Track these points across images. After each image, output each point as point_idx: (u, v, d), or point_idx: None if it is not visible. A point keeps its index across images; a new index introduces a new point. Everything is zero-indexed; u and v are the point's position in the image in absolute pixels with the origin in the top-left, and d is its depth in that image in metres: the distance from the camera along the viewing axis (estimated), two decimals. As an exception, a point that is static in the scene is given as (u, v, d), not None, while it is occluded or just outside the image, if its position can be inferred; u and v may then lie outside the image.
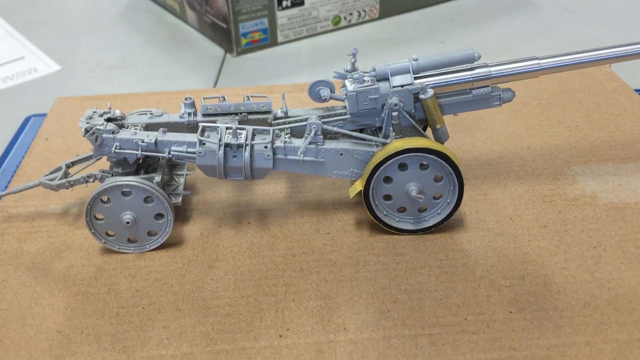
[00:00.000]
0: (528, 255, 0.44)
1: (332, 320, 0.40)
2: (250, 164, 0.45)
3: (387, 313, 0.40)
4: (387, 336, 0.39)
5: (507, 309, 0.40)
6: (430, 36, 0.82)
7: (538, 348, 0.38)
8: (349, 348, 0.38)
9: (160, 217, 0.45)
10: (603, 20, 0.84)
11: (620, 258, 0.44)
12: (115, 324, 0.40)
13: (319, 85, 0.46)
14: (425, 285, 0.42)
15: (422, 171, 0.45)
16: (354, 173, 0.46)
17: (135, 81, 0.74)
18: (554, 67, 0.45)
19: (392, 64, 0.45)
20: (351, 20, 0.84)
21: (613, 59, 0.46)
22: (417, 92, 0.44)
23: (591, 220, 0.47)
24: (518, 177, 0.52)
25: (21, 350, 0.39)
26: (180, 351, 0.38)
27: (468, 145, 0.57)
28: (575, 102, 0.62)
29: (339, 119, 0.46)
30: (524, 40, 0.80)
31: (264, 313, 0.41)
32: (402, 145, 0.43)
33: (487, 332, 0.39)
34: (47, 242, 0.48)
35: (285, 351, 0.38)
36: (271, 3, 0.76)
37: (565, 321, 0.39)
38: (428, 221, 0.46)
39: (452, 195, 0.45)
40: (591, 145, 0.56)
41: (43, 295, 0.43)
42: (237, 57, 0.78)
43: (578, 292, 0.41)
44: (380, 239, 0.46)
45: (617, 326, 0.39)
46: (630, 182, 0.51)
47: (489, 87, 0.45)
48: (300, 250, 0.46)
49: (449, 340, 0.38)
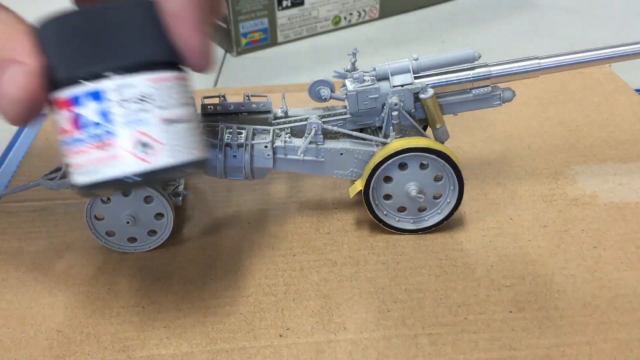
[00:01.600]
0: (528, 255, 0.44)
1: (332, 320, 0.40)
2: (250, 163, 0.45)
3: (387, 313, 0.40)
4: (387, 336, 0.39)
5: (507, 308, 0.40)
6: (430, 36, 0.82)
7: (538, 348, 0.37)
8: (349, 348, 0.38)
9: (161, 216, 0.45)
10: (603, 20, 0.84)
11: (620, 258, 0.44)
12: (115, 324, 0.40)
13: (319, 85, 0.46)
14: (425, 284, 0.42)
15: (422, 171, 0.45)
16: (354, 173, 0.46)
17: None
18: (554, 67, 0.45)
19: (392, 63, 0.45)
20: (351, 20, 0.84)
21: (613, 59, 0.46)
22: (417, 91, 0.44)
23: (591, 220, 0.47)
24: (518, 176, 0.52)
25: (21, 349, 0.39)
26: (180, 351, 0.38)
27: (468, 145, 0.57)
28: (576, 102, 0.62)
29: (339, 118, 0.46)
30: (524, 40, 0.80)
31: (264, 313, 0.41)
32: (402, 144, 0.43)
33: (487, 332, 0.39)
34: (47, 242, 0.48)
35: (285, 351, 0.38)
36: (271, 3, 0.76)
37: (565, 321, 0.39)
38: (428, 221, 0.46)
39: (452, 195, 0.45)
40: (591, 145, 0.56)
41: (43, 295, 0.43)
42: (237, 57, 0.78)
43: (578, 292, 0.41)
44: (380, 239, 0.46)
45: (617, 326, 0.39)
46: (631, 181, 0.51)
47: (489, 87, 0.45)
48: (300, 250, 0.46)
49: (449, 339, 0.38)
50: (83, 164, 0.32)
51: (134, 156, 0.31)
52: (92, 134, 0.31)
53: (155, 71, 0.32)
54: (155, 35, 0.32)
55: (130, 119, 0.31)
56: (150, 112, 0.31)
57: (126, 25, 0.31)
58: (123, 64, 0.31)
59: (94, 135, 0.31)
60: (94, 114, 0.31)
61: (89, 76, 0.31)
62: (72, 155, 0.32)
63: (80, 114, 0.31)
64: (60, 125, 0.32)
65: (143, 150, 0.31)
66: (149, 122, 0.31)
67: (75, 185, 0.33)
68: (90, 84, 0.31)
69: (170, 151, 0.32)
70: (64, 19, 0.31)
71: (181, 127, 0.33)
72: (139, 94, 0.31)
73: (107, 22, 0.31)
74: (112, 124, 0.31)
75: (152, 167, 0.31)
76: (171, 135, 0.32)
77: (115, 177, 0.31)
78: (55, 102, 0.32)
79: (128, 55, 0.31)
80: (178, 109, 0.33)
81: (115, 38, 0.31)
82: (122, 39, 0.31)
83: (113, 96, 0.31)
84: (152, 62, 0.32)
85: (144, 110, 0.31)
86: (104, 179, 0.31)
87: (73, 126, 0.31)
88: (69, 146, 0.32)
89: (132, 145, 0.31)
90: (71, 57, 0.31)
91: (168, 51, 0.33)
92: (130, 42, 0.31)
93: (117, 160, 0.31)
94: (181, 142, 0.32)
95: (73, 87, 0.31)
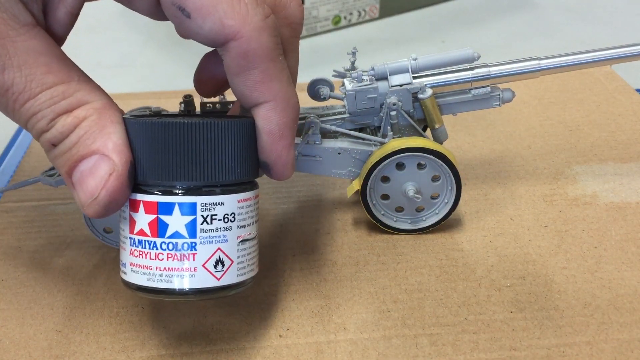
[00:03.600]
0: (529, 255, 0.44)
1: (332, 320, 0.40)
2: (249, 163, 0.44)
3: (387, 313, 0.40)
4: (387, 336, 0.39)
5: (507, 308, 0.40)
6: (430, 36, 0.82)
7: (539, 348, 0.37)
8: (349, 348, 0.38)
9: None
10: (603, 20, 0.84)
11: (621, 258, 0.44)
12: (114, 324, 0.40)
13: (318, 84, 0.45)
14: (425, 285, 0.42)
15: (420, 171, 0.45)
16: (352, 172, 0.46)
17: (134, 80, 0.74)
18: (554, 68, 0.45)
19: (391, 63, 0.45)
20: (351, 19, 0.84)
21: (614, 60, 0.46)
22: (416, 91, 0.44)
23: (592, 220, 0.47)
24: (518, 176, 0.52)
25: (20, 349, 0.39)
26: (179, 351, 0.38)
27: (468, 144, 0.57)
28: (576, 102, 0.62)
29: (337, 117, 0.46)
30: (524, 40, 0.80)
31: (264, 313, 0.41)
32: (399, 144, 0.43)
33: (487, 332, 0.39)
34: (46, 241, 0.48)
35: (285, 351, 0.38)
36: (271, 3, 0.76)
37: (566, 321, 0.39)
38: (426, 221, 0.46)
39: (450, 195, 0.45)
40: (592, 144, 0.56)
41: (42, 295, 0.43)
42: (237, 56, 0.78)
43: (579, 292, 0.41)
44: (380, 239, 0.46)
45: (618, 326, 0.39)
46: (631, 181, 0.51)
47: (489, 87, 0.45)
48: (300, 250, 0.46)
49: (449, 340, 0.38)
50: (150, 267, 0.32)
51: (208, 271, 0.32)
52: (170, 242, 0.32)
53: (243, 191, 0.33)
54: (248, 156, 0.33)
55: (214, 236, 0.32)
56: (231, 230, 0.33)
57: (223, 143, 0.32)
58: (219, 182, 0.32)
59: (172, 244, 0.32)
60: (181, 226, 0.32)
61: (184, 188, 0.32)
62: (138, 254, 0.33)
63: (165, 221, 0.32)
64: (134, 225, 0.33)
65: (217, 267, 0.32)
66: (228, 240, 0.32)
67: (131, 283, 0.34)
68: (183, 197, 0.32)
69: (239, 270, 0.33)
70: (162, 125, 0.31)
71: (249, 244, 0.34)
72: (228, 213, 0.32)
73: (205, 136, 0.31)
74: (196, 238, 0.32)
75: (219, 284, 0.33)
76: (242, 253, 0.33)
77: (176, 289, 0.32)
78: (137, 202, 0.32)
79: (224, 174, 0.32)
80: (251, 228, 0.34)
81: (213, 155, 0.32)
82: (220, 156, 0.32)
83: (204, 212, 0.32)
84: (243, 183, 0.33)
85: (227, 228, 0.32)
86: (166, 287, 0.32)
87: (152, 230, 0.32)
88: (139, 247, 0.33)
89: (209, 261, 0.32)
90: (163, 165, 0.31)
91: (256, 171, 0.34)
92: (227, 162, 0.32)
93: (190, 272, 0.32)
94: (247, 261, 0.34)
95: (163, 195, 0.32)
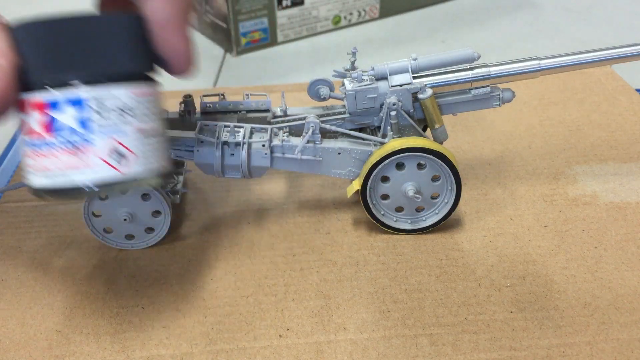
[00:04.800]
0: (529, 255, 0.44)
1: (332, 320, 0.40)
2: (247, 162, 0.44)
3: (387, 313, 0.40)
4: (387, 336, 0.39)
5: (507, 308, 0.40)
6: (430, 36, 0.82)
7: (539, 348, 0.37)
8: (349, 348, 0.38)
9: (158, 214, 0.45)
10: (603, 20, 0.84)
11: (621, 258, 0.44)
12: (114, 324, 0.40)
13: (319, 84, 0.45)
14: (425, 285, 0.42)
15: (420, 171, 0.45)
16: (352, 172, 0.46)
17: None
18: (554, 68, 0.45)
19: (391, 63, 0.45)
20: (351, 19, 0.84)
21: (614, 60, 0.46)
22: (416, 91, 0.44)
23: (592, 220, 0.47)
24: (519, 176, 0.52)
25: (20, 350, 0.39)
26: (180, 351, 0.38)
27: (468, 144, 0.57)
28: (576, 102, 0.62)
29: (337, 117, 0.46)
30: (524, 40, 0.80)
31: (264, 313, 0.41)
32: (399, 144, 0.43)
33: (487, 332, 0.39)
34: (46, 242, 0.48)
35: (285, 351, 0.38)
36: (271, 3, 0.76)
37: (566, 321, 0.39)
38: (426, 221, 0.46)
39: (450, 195, 0.45)
40: (592, 144, 0.56)
41: (42, 295, 0.43)
42: (237, 56, 0.78)
43: (579, 292, 0.41)
44: (380, 239, 0.46)
45: (617, 326, 0.39)
46: (631, 181, 0.51)
47: (489, 87, 0.45)
48: (300, 250, 0.46)
49: (449, 340, 0.38)
50: (49, 167, 0.32)
51: (108, 164, 0.32)
52: (65, 139, 0.31)
53: (138, 84, 0.33)
54: (140, 48, 0.32)
55: (109, 129, 0.31)
56: (129, 123, 0.32)
57: (112, 36, 0.31)
58: (107, 73, 0.32)
59: (67, 141, 0.31)
60: (72, 121, 0.31)
61: (71, 82, 0.31)
62: (36, 157, 0.32)
63: (56, 118, 0.31)
64: (27, 126, 0.32)
65: (117, 159, 0.32)
66: (126, 133, 0.32)
67: (33, 186, 0.33)
68: (71, 90, 0.31)
69: (142, 162, 0.33)
70: (46, 23, 0.31)
71: (154, 139, 0.33)
72: (121, 105, 0.32)
73: (92, 31, 0.31)
74: (90, 131, 0.31)
75: (123, 176, 0.32)
76: (145, 147, 0.33)
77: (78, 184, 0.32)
78: (27, 103, 0.32)
79: (112, 65, 0.32)
80: (153, 122, 0.33)
81: (102, 47, 0.31)
82: (107, 49, 0.31)
83: (95, 105, 0.31)
84: (136, 75, 0.33)
85: (124, 121, 0.32)
86: (68, 185, 0.32)
87: (45, 129, 0.31)
88: (35, 148, 0.32)
89: (108, 153, 0.31)
90: (51, 61, 0.31)
91: (150, 64, 0.34)
92: (116, 53, 0.32)
93: (88, 167, 0.31)
94: (152, 154, 0.33)
95: (52, 91, 0.31)
